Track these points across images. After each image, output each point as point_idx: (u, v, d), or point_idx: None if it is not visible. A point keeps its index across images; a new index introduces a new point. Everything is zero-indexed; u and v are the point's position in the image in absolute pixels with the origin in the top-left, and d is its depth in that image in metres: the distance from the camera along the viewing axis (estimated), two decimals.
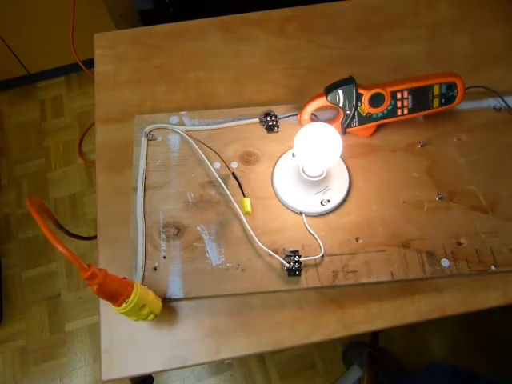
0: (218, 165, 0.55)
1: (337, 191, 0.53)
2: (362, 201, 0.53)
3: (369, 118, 0.55)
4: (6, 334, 1.21)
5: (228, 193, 0.52)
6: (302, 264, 0.48)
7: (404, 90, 0.53)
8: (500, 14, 0.69)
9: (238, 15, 0.69)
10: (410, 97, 0.54)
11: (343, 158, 0.55)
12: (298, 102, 0.58)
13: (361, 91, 0.53)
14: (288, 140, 0.56)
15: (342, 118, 0.55)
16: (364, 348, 1.12)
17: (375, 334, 1.16)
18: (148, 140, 0.56)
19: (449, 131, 0.58)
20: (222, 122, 0.57)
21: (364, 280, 0.48)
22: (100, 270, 0.37)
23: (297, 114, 0.57)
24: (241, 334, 0.47)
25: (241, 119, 0.58)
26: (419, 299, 0.49)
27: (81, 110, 1.54)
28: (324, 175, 0.51)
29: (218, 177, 0.53)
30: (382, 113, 0.54)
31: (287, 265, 0.48)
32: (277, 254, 0.49)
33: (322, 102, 0.54)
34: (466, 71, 0.56)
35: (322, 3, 0.71)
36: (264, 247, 0.49)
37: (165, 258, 0.50)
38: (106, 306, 0.47)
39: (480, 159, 0.56)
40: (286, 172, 0.54)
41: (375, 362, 1.09)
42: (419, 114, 0.56)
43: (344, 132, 0.56)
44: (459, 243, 0.51)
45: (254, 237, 0.49)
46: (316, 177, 0.51)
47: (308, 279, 0.48)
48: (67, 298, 1.25)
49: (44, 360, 1.18)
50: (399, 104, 0.54)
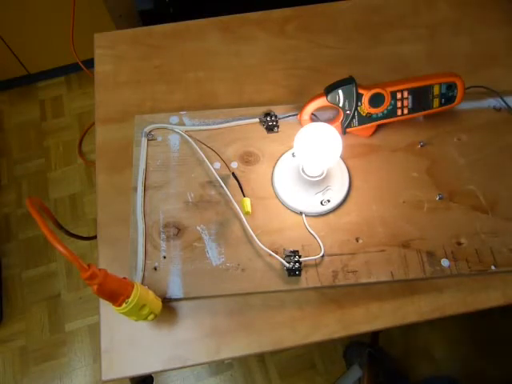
0: (217, 165, 0.55)
1: (337, 191, 0.53)
2: (361, 201, 0.53)
3: (369, 118, 0.55)
4: (6, 334, 1.21)
5: (228, 193, 0.52)
6: (302, 264, 0.48)
7: (404, 90, 0.53)
8: (500, 14, 0.69)
9: (238, 15, 0.69)
10: (409, 97, 0.54)
11: (343, 158, 0.55)
12: (298, 102, 0.58)
13: (361, 91, 0.53)
14: (288, 140, 0.56)
15: (342, 117, 0.55)
16: (364, 348, 1.12)
17: (375, 334, 1.16)
18: (148, 140, 0.56)
19: (449, 131, 0.58)
20: (221, 122, 0.57)
21: (364, 280, 0.48)
22: (100, 270, 0.37)
23: (297, 114, 0.57)
24: (241, 334, 0.47)
25: (241, 119, 0.58)
26: (419, 299, 0.49)
27: (81, 109, 1.54)
28: (324, 175, 0.51)
29: (217, 177, 0.53)
30: (382, 113, 0.54)
31: (287, 265, 0.48)
32: (277, 254, 0.49)
33: (321, 102, 0.54)
34: (466, 71, 0.56)
35: (321, 3, 0.71)
36: (264, 247, 0.49)
37: (165, 258, 0.50)
38: (106, 306, 0.47)
39: (480, 159, 0.56)
40: (286, 172, 0.54)
41: (375, 362, 1.09)
42: (419, 114, 0.56)
43: (344, 132, 0.56)
44: (459, 243, 0.51)
45: (254, 237, 0.49)
46: (316, 177, 0.51)
47: (308, 279, 0.48)
48: (67, 298, 1.25)
49: (44, 360, 1.18)
50: (399, 104, 0.54)
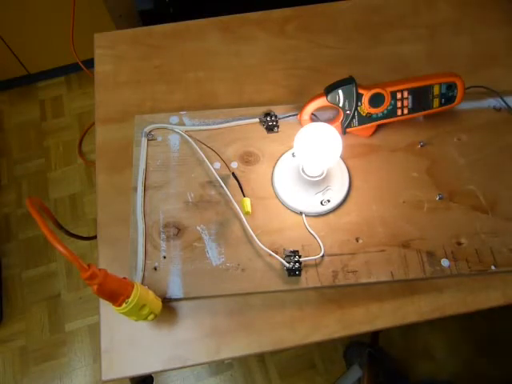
0: (218, 165, 0.55)
1: (337, 191, 0.53)
2: (361, 201, 0.53)
3: (369, 118, 0.55)
4: (6, 334, 1.21)
5: (228, 193, 0.52)
6: (302, 264, 0.48)
7: (404, 90, 0.53)
8: (500, 14, 0.69)
9: (238, 15, 0.69)
10: (409, 97, 0.54)
11: (343, 157, 0.55)
12: (298, 102, 0.58)
13: (361, 91, 0.53)
14: (288, 140, 0.56)
15: (342, 117, 0.55)
16: (364, 348, 1.12)
17: (375, 334, 1.16)
18: (148, 140, 0.56)
19: (449, 131, 0.58)
20: (221, 122, 0.57)
21: (364, 280, 0.48)
22: (100, 270, 0.37)
23: (297, 114, 0.57)
24: (241, 334, 0.47)
25: (241, 119, 0.58)
26: (419, 299, 0.49)
27: (81, 109, 1.54)
28: (324, 175, 0.51)
29: (217, 177, 0.53)
30: (382, 113, 0.54)
31: (287, 265, 0.48)
32: (277, 254, 0.49)
33: (321, 101, 0.54)
34: (466, 71, 0.56)
35: (321, 3, 0.71)
36: (264, 247, 0.49)
37: (165, 258, 0.50)
38: (106, 306, 0.47)
39: (480, 159, 0.56)
40: (286, 172, 0.54)
41: (375, 362, 1.08)
42: (419, 114, 0.56)
43: (344, 132, 0.56)
44: (459, 243, 0.51)
45: (254, 237, 0.49)
46: (316, 177, 0.51)
47: (308, 279, 0.48)
48: (67, 298, 1.25)
49: (44, 360, 1.18)
50: (399, 104, 0.54)
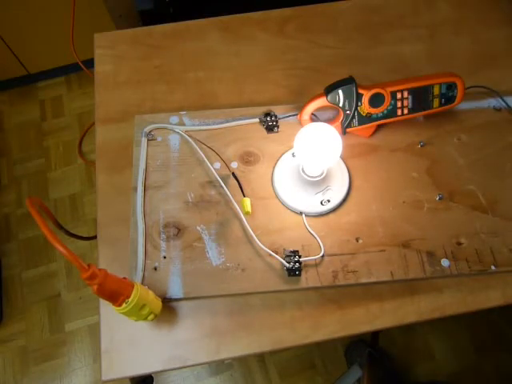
0: (218, 165, 0.55)
1: (337, 191, 0.53)
2: (361, 201, 0.53)
3: (369, 118, 0.55)
4: (6, 334, 1.21)
5: (228, 193, 0.52)
6: (302, 264, 0.48)
7: (404, 90, 0.53)
8: (500, 14, 0.69)
9: (238, 15, 0.69)
10: (409, 97, 0.54)
11: (343, 157, 0.55)
12: (298, 102, 0.58)
13: (361, 91, 0.53)
14: (288, 140, 0.56)
15: (342, 117, 0.55)
16: (364, 348, 1.12)
17: (375, 334, 1.16)
18: (148, 140, 0.56)
19: (449, 131, 0.58)
20: (222, 122, 0.57)
21: (364, 280, 0.48)
22: (100, 270, 0.38)
23: (297, 114, 0.57)
24: (241, 334, 0.47)
25: (241, 119, 0.58)
26: (419, 299, 0.49)
27: (81, 109, 1.54)
28: (324, 175, 0.51)
29: (217, 177, 0.53)
30: (382, 113, 0.54)
31: (287, 265, 0.48)
32: (277, 254, 0.49)
33: (321, 101, 0.54)
34: (466, 71, 0.56)
35: (321, 3, 0.71)
36: (264, 247, 0.49)
37: (165, 257, 0.50)
38: (106, 306, 0.47)
39: (480, 159, 0.56)
40: (286, 172, 0.54)
41: (375, 362, 1.09)
42: (419, 114, 0.56)
43: (344, 132, 0.56)
44: (459, 243, 0.51)
45: (254, 237, 0.49)
46: (316, 177, 0.51)
47: (308, 279, 0.48)
48: (67, 298, 1.25)
49: (44, 360, 1.18)
50: (399, 104, 0.54)
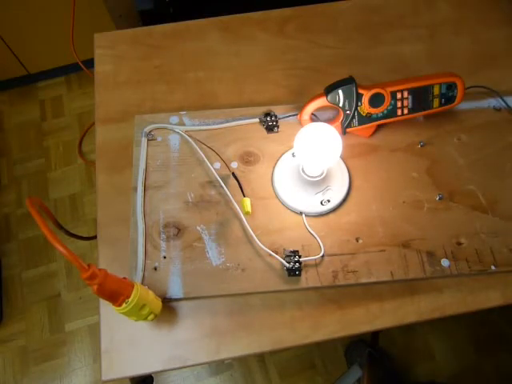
0: (218, 165, 0.55)
1: (337, 191, 0.53)
2: (361, 201, 0.53)
3: (369, 118, 0.55)
4: (6, 334, 1.21)
5: (228, 193, 0.52)
6: (302, 264, 0.48)
7: (404, 90, 0.53)
8: (500, 15, 0.69)
9: (238, 15, 0.69)
10: (410, 97, 0.54)
11: (343, 157, 0.55)
12: (298, 102, 0.58)
13: (361, 91, 0.53)
14: (288, 140, 0.56)
15: (342, 117, 0.55)
16: (364, 348, 1.12)
17: (375, 334, 1.16)
18: (148, 140, 0.56)
19: (449, 131, 0.58)
20: (222, 122, 0.57)
21: (364, 280, 0.48)
22: (100, 270, 0.38)
23: (297, 114, 0.57)
24: (241, 334, 0.47)
25: (241, 119, 0.58)
26: (419, 299, 0.49)
27: (81, 110, 1.54)
28: (324, 175, 0.51)
29: (217, 177, 0.53)
30: (382, 113, 0.54)
31: (287, 265, 0.48)
32: (277, 254, 0.49)
33: (321, 101, 0.54)
34: (466, 71, 0.56)
35: (321, 3, 0.71)
36: (264, 247, 0.49)
37: (165, 257, 0.50)
38: (106, 306, 0.47)
39: (480, 159, 0.56)
40: (286, 172, 0.54)
41: (375, 362, 1.09)
42: (419, 114, 0.56)
43: (344, 132, 0.56)
44: (459, 243, 0.51)
45: (254, 237, 0.49)
46: (316, 177, 0.51)
47: (308, 279, 0.48)
48: (67, 298, 1.25)
49: (44, 360, 1.18)
50: (399, 104, 0.54)
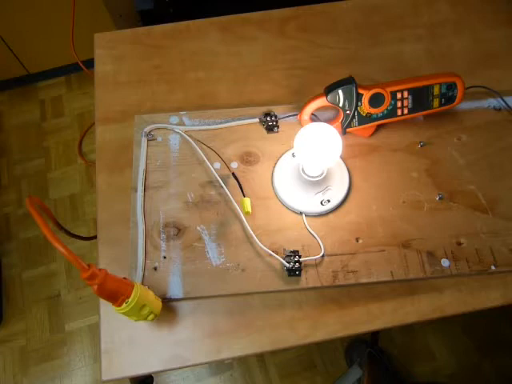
0: (217, 165, 0.55)
1: (337, 191, 0.53)
2: (361, 201, 0.53)
3: (369, 118, 0.55)
4: (6, 334, 1.21)
5: (228, 193, 0.52)
6: (302, 264, 0.48)
7: (404, 90, 0.53)
8: (500, 15, 0.69)
9: (237, 15, 0.69)
10: (410, 97, 0.54)
11: (343, 158, 0.55)
12: (297, 102, 0.58)
13: (361, 91, 0.53)
14: (288, 140, 0.56)
15: (342, 117, 0.55)
16: (364, 348, 1.12)
17: (375, 334, 1.16)
18: (148, 140, 0.56)
19: (449, 131, 0.58)
20: (221, 122, 0.57)
21: (364, 280, 0.48)
22: (100, 270, 0.38)
23: (297, 114, 0.57)
24: (241, 334, 0.47)
25: (241, 119, 0.58)
26: (419, 299, 0.49)
27: (81, 110, 1.54)
28: (324, 175, 0.51)
29: (217, 177, 0.53)
30: (382, 113, 0.54)
31: (287, 265, 0.48)
32: (277, 254, 0.49)
33: (321, 101, 0.54)
34: (466, 71, 0.56)
35: (321, 3, 0.71)
36: (264, 247, 0.49)
37: (165, 258, 0.50)
38: (106, 306, 0.47)
39: (480, 159, 0.56)
40: (286, 172, 0.54)
41: (375, 362, 1.09)
42: (419, 114, 0.56)
43: (344, 132, 0.56)
44: (459, 243, 0.51)
45: (254, 237, 0.49)
46: (316, 177, 0.51)
47: (308, 279, 0.48)
48: (67, 298, 1.25)
49: (44, 360, 1.18)
50: (399, 104, 0.54)
